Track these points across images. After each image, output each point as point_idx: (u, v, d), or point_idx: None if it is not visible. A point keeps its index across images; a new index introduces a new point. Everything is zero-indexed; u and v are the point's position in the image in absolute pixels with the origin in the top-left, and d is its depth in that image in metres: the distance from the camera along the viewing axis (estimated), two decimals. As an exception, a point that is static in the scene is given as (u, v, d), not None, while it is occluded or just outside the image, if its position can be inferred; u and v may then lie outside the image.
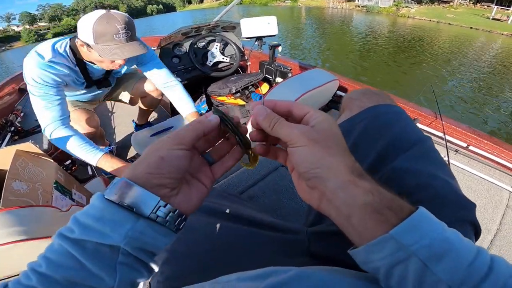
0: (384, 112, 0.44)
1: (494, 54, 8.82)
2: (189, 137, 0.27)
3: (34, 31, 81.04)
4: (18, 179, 0.73)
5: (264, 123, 0.27)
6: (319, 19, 18.94)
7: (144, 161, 0.25)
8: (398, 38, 10.91)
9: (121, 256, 0.23)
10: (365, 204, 0.22)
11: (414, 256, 0.20)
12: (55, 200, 0.78)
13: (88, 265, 0.22)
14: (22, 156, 0.79)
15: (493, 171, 1.10)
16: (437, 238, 0.21)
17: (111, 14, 0.88)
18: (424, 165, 0.38)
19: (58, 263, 0.22)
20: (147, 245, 0.25)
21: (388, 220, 0.22)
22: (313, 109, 0.27)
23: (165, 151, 0.25)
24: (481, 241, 0.88)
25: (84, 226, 0.23)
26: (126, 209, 0.23)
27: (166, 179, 0.25)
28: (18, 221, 0.63)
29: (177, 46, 1.89)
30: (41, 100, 0.90)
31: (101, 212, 0.23)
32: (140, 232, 0.24)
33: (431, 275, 0.20)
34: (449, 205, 0.35)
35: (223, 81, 1.55)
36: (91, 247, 0.23)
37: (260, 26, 1.60)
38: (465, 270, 0.20)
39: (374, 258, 0.22)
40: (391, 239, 0.21)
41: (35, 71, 0.88)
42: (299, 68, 1.91)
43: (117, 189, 0.23)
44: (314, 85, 1.15)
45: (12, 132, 1.51)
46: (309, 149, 0.24)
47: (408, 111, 1.37)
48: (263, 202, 0.97)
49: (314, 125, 0.26)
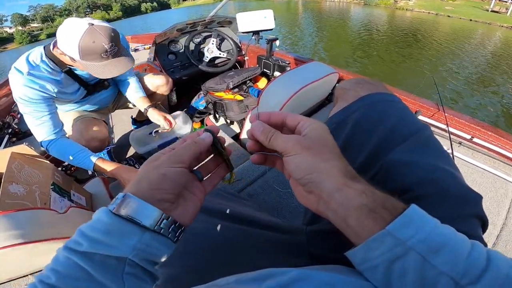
0: (379, 101, 0.43)
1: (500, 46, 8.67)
2: (187, 156, 0.29)
3: (27, 32, 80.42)
4: (15, 182, 0.72)
5: (261, 138, 0.29)
6: (317, 13, 18.71)
7: (146, 178, 0.27)
8: (397, 31, 10.77)
9: (128, 267, 0.25)
10: (361, 205, 0.24)
11: (412, 250, 0.21)
12: (53, 202, 0.77)
13: (97, 276, 0.23)
14: (17, 158, 0.78)
15: (498, 163, 1.08)
16: (432, 232, 0.22)
17: (96, 31, 0.84)
18: (424, 156, 0.37)
19: (67, 275, 0.23)
20: (152, 255, 0.26)
21: (384, 218, 0.23)
22: (304, 118, 0.29)
23: (166, 169, 0.27)
24: (487, 235, 0.86)
25: (92, 239, 0.24)
26: (132, 223, 0.25)
27: (167, 194, 0.27)
28: (15, 224, 0.62)
29: (172, 43, 1.86)
30: (31, 117, 0.91)
31: (108, 226, 0.25)
32: (147, 244, 0.25)
33: (432, 268, 0.20)
34: (453, 199, 0.34)
35: (220, 77, 1.53)
36: (99, 259, 0.24)
37: (257, 20, 1.57)
38: (465, 262, 0.20)
39: (372, 256, 0.23)
40: (388, 234, 0.22)
41: (19, 89, 0.87)
42: (297, 62, 1.89)
43: (123, 204, 0.25)
44: (313, 78, 1.13)
45: (10, 134, 1.50)
46: (302, 157, 0.26)
47: (410, 103, 1.35)
48: (263, 200, 0.96)
49: (306, 133, 0.28)
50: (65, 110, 1.19)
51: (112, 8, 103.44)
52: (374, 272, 0.23)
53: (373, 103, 0.43)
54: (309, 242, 0.46)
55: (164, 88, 1.42)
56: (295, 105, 1.13)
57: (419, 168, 0.35)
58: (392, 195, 0.25)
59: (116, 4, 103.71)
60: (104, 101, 1.29)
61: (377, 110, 0.42)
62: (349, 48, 8.35)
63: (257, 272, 0.27)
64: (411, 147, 0.37)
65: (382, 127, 0.39)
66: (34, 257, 0.70)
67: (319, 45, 9.04)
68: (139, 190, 0.26)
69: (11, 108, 1.81)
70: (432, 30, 11.11)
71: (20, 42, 71.70)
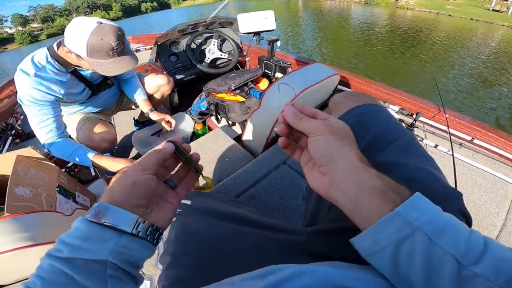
0: (366, 112, 0.48)
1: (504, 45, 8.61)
2: (151, 163, 0.32)
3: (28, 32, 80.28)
4: (21, 185, 0.73)
5: (291, 119, 0.32)
6: (317, 13, 18.67)
7: (118, 186, 0.29)
8: (398, 31, 10.73)
9: (109, 269, 0.26)
10: (374, 185, 0.26)
11: (419, 230, 0.23)
12: (59, 204, 0.78)
13: (81, 280, 0.25)
14: (23, 161, 0.79)
15: (498, 164, 1.09)
16: (436, 214, 0.24)
17: (104, 29, 0.86)
18: (406, 158, 0.40)
19: (52, 280, 0.24)
20: (132, 257, 0.28)
21: (394, 200, 0.25)
22: (332, 116, 0.33)
23: (135, 176, 0.30)
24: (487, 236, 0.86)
25: (71, 246, 0.26)
26: (109, 228, 0.27)
27: (139, 199, 0.30)
28: (23, 227, 0.63)
29: (174, 44, 1.87)
30: (35, 119, 0.93)
31: (86, 233, 0.26)
32: (124, 246, 0.27)
33: (437, 248, 0.22)
34: (436, 196, 0.35)
35: (222, 78, 1.53)
36: (80, 264, 0.25)
37: (258, 21, 1.58)
38: (465, 244, 0.22)
39: (381, 237, 0.24)
40: (397, 215, 0.24)
41: (26, 91, 0.88)
42: (298, 63, 1.89)
43: (98, 212, 0.27)
44: (314, 80, 1.14)
45: (13, 136, 1.51)
46: (327, 138, 0.29)
47: (411, 104, 1.36)
48: (265, 201, 0.97)
49: (332, 123, 0.31)
50: (70, 112, 1.20)
51: (112, 8, 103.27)
52: (381, 255, 0.24)
53: (361, 114, 0.48)
54: (310, 242, 0.47)
55: (166, 87, 1.43)
56: (297, 106, 1.14)
57: (402, 168, 0.39)
58: (400, 183, 0.27)
59: (116, 4, 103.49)
60: (107, 102, 1.30)
61: (365, 120, 0.46)
62: (350, 48, 8.34)
63: (260, 270, 0.29)
64: (395, 150, 0.41)
65: (369, 135, 0.44)
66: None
67: (319, 45, 9.03)
68: (113, 198, 0.28)
69: (13, 110, 1.81)
70: (433, 29, 11.07)
71: (21, 42, 71.55)
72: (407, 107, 1.36)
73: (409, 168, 0.39)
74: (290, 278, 0.25)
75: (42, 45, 1.00)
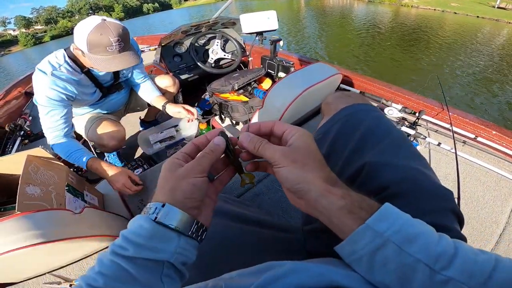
0: (357, 111, 0.49)
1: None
2: (207, 165, 0.31)
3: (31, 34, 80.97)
4: (32, 184, 0.75)
5: (249, 147, 0.32)
6: (320, 11, 18.57)
7: (179, 188, 0.29)
8: (403, 29, 10.60)
9: (165, 269, 0.27)
10: (340, 207, 0.27)
11: (389, 241, 0.24)
12: (68, 203, 0.80)
13: (141, 278, 0.26)
14: (33, 161, 0.81)
15: (502, 162, 1.08)
16: (404, 224, 0.25)
17: (106, 25, 0.88)
18: (398, 157, 0.41)
19: (113, 278, 0.25)
20: (186, 258, 0.29)
21: (361, 217, 0.26)
22: (290, 127, 0.32)
23: (194, 179, 0.30)
24: (490, 234, 0.86)
25: (137, 245, 0.26)
26: (171, 229, 0.28)
27: (197, 202, 0.30)
28: (35, 224, 0.65)
29: (177, 45, 1.89)
30: (47, 119, 0.95)
31: (151, 232, 0.27)
32: (183, 248, 0.28)
33: (408, 256, 0.23)
34: (428, 195, 0.37)
35: (225, 78, 1.54)
36: (142, 263, 0.26)
37: (260, 21, 1.59)
38: (435, 249, 0.23)
39: (357, 248, 0.26)
40: (367, 228, 0.25)
41: (42, 91, 0.91)
42: (301, 62, 1.90)
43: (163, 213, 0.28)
44: (316, 79, 1.15)
45: (22, 136, 1.54)
46: (290, 169, 0.29)
47: (414, 102, 1.36)
48: (269, 199, 0.98)
49: (291, 144, 0.30)
50: (80, 114, 1.22)
51: (114, 9, 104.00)
52: (359, 263, 0.26)
53: (351, 113, 0.49)
54: (306, 240, 0.49)
55: (172, 89, 1.44)
56: (299, 106, 1.15)
57: (394, 168, 0.40)
58: (368, 196, 0.29)
59: (118, 5, 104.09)
60: (117, 104, 1.32)
61: (354, 119, 0.48)
62: (354, 47, 8.27)
63: (257, 266, 0.31)
64: (384, 149, 0.42)
65: (357, 133, 0.45)
66: (52, 256, 0.73)
67: (322, 44, 8.97)
68: (175, 200, 0.29)
69: (21, 111, 1.85)
70: (439, 28, 10.90)
71: (25, 44, 71.93)
72: (410, 105, 1.36)
73: (400, 168, 0.39)
74: (285, 274, 0.27)
75: (46, 47, 1.03)
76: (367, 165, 0.41)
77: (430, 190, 0.37)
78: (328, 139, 0.49)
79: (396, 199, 0.36)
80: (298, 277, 0.27)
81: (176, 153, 0.33)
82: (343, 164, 0.44)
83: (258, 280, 0.27)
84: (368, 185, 0.39)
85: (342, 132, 0.48)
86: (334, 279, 0.26)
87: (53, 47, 0.99)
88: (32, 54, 7.49)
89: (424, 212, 0.34)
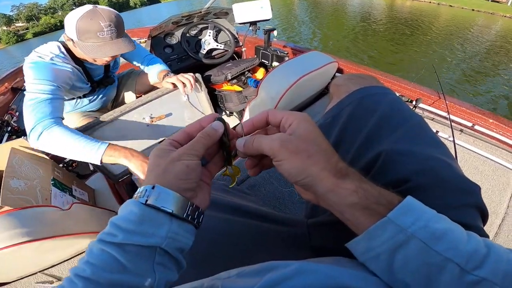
0: (371, 94, 0.44)
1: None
2: (202, 148, 0.30)
3: (13, 32, 79.04)
4: (16, 177, 0.72)
5: (248, 151, 0.30)
6: (313, 2, 18.34)
7: (172, 170, 0.27)
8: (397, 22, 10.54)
9: (158, 256, 0.25)
10: (353, 203, 0.25)
11: (413, 237, 0.22)
12: (54, 197, 0.77)
13: (131, 267, 0.24)
14: (18, 154, 0.78)
15: (499, 151, 1.07)
16: (431, 219, 0.22)
17: (97, 10, 0.84)
18: (418, 145, 0.36)
19: (102, 267, 0.24)
20: (181, 243, 0.27)
21: (379, 213, 0.24)
22: (287, 113, 0.29)
23: (187, 161, 0.28)
24: (489, 225, 0.85)
25: (127, 230, 0.25)
26: (162, 212, 0.26)
27: (192, 184, 0.28)
28: (20, 222, 0.62)
29: (168, 36, 1.84)
30: (40, 105, 0.76)
31: (141, 217, 0.25)
32: (175, 232, 0.26)
33: (436, 255, 0.21)
34: (452, 189, 0.33)
35: (218, 68, 1.51)
36: (132, 250, 0.24)
37: (253, 10, 1.55)
38: (466, 248, 0.21)
39: (374, 245, 0.23)
40: (390, 222, 0.23)
41: (39, 74, 0.81)
42: (296, 52, 1.86)
43: (154, 195, 0.26)
44: (311, 68, 1.12)
45: (9, 132, 1.50)
46: (292, 162, 0.26)
47: (410, 91, 1.34)
48: (265, 190, 0.96)
49: (292, 132, 0.27)
50: (66, 111, 1.18)
51: (99, 3, 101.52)
52: (376, 261, 0.24)
53: (365, 96, 0.44)
54: (310, 234, 0.46)
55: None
56: (294, 95, 1.12)
57: (415, 157, 0.35)
58: (387, 189, 0.26)
59: (103, 0, 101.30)
60: (104, 99, 1.28)
61: (369, 103, 0.43)
62: (348, 38, 8.22)
63: (259, 265, 0.27)
64: (404, 136, 0.37)
65: (372, 118, 0.40)
66: (41, 254, 0.71)
67: (316, 35, 8.90)
68: (167, 181, 0.27)
69: (8, 106, 1.80)
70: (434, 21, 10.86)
71: (7, 42, 70.41)
72: (407, 93, 1.34)
73: (421, 157, 0.35)
74: (290, 276, 0.24)
75: (29, 44, 0.97)
76: (383, 154, 0.36)
77: (454, 184, 0.34)
78: (338, 124, 0.44)
79: (417, 192, 0.31)
80: (304, 279, 0.24)
81: (165, 140, 0.31)
82: (356, 152, 0.40)
83: (260, 281, 0.24)
84: (384, 177, 0.35)
85: (355, 117, 0.42)
86: (345, 281, 0.23)
87: (37, 44, 0.95)
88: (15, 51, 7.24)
89: (445, 207, 0.30)
